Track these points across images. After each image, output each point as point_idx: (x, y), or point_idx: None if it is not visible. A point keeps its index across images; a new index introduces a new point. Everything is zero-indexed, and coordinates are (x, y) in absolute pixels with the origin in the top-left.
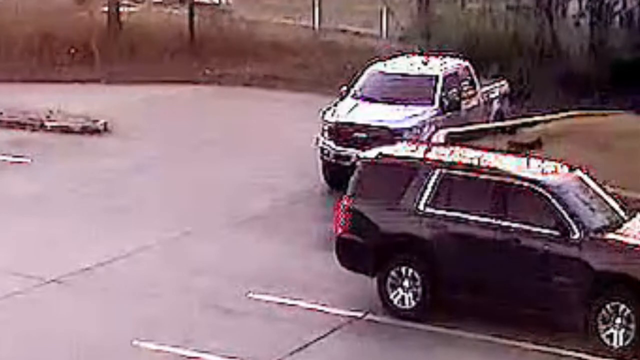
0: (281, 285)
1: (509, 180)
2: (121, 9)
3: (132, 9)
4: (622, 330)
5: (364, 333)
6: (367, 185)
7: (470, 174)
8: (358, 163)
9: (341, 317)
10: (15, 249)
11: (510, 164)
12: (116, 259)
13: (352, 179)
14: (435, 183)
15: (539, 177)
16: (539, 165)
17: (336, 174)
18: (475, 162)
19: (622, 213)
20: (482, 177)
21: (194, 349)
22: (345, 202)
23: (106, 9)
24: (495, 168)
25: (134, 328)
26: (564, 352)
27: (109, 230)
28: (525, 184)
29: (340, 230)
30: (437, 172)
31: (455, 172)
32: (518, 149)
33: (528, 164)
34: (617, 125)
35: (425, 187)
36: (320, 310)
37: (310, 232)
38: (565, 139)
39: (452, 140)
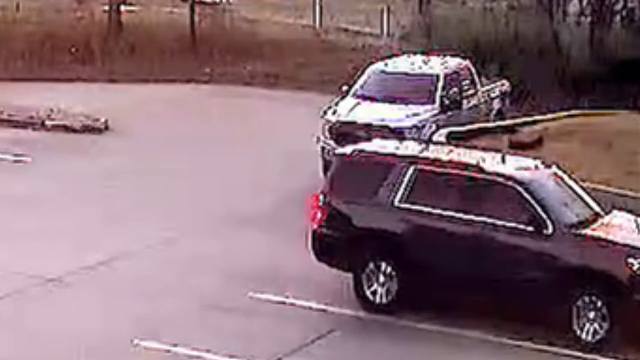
0: (281, 285)
1: (482, 175)
2: (122, 8)
3: (132, 7)
4: (596, 324)
5: (364, 332)
6: (343, 181)
7: (444, 170)
8: (334, 159)
9: (341, 317)
10: (16, 248)
11: (486, 160)
12: (116, 258)
13: (328, 174)
14: (410, 179)
15: (511, 172)
16: (515, 161)
17: None
18: (448, 157)
19: (597, 209)
20: (456, 172)
21: (194, 348)
22: (321, 197)
23: (107, 8)
24: (468, 163)
25: (134, 327)
26: (563, 351)
27: (109, 229)
28: (499, 179)
29: (315, 225)
30: (411, 167)
31: (429, 167)
32: (519, 149)
33: (503, 160)
34: (618, 125)
35: (400, 183)
36: (321, 310)
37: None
38: (565, 138)
39: (452, 140)
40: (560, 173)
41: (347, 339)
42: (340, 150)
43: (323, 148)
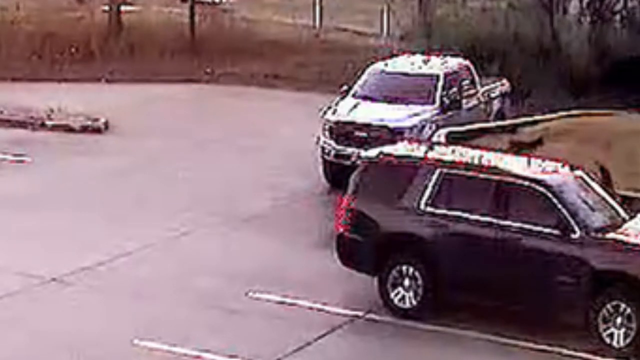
0: (281, 284)
1: (509, 179)
2: (122, 8)
3: (132, 7)
4: (623, 330)
5: (365, 332)
6: (368, 185)
7: (471, 173)
8: (359, 162)
9: (342, 316)
10: (16, 248)
11: (511, 163)
12: (117, 257)
13: (352, 177)
14: (435, 182)
15: (540, 176)
16: (539, 165)
17: (337, 173)
18: (475, 161)
19: (622, 213)
20: (483, 176)
21: (194, 347)
22: (346, 201)
23: (107, 7)
24: (496, 167)
25: (134, 327)
26: (565, 351)
27: (110, 229)
28: (527, 183)
29: (341, 229)
30: (437, 171)
31: (455, 171)
32: (519, 148)
33: (529, 163)
34: (618, 125)
35: (426, 187)
36: (321, 310)
37: (311, 231)
38: (566, 138)
39: (452, 140)
40: (585, 177)
41: (347, 339)
42: (365, 153)
43: (323, 148)
